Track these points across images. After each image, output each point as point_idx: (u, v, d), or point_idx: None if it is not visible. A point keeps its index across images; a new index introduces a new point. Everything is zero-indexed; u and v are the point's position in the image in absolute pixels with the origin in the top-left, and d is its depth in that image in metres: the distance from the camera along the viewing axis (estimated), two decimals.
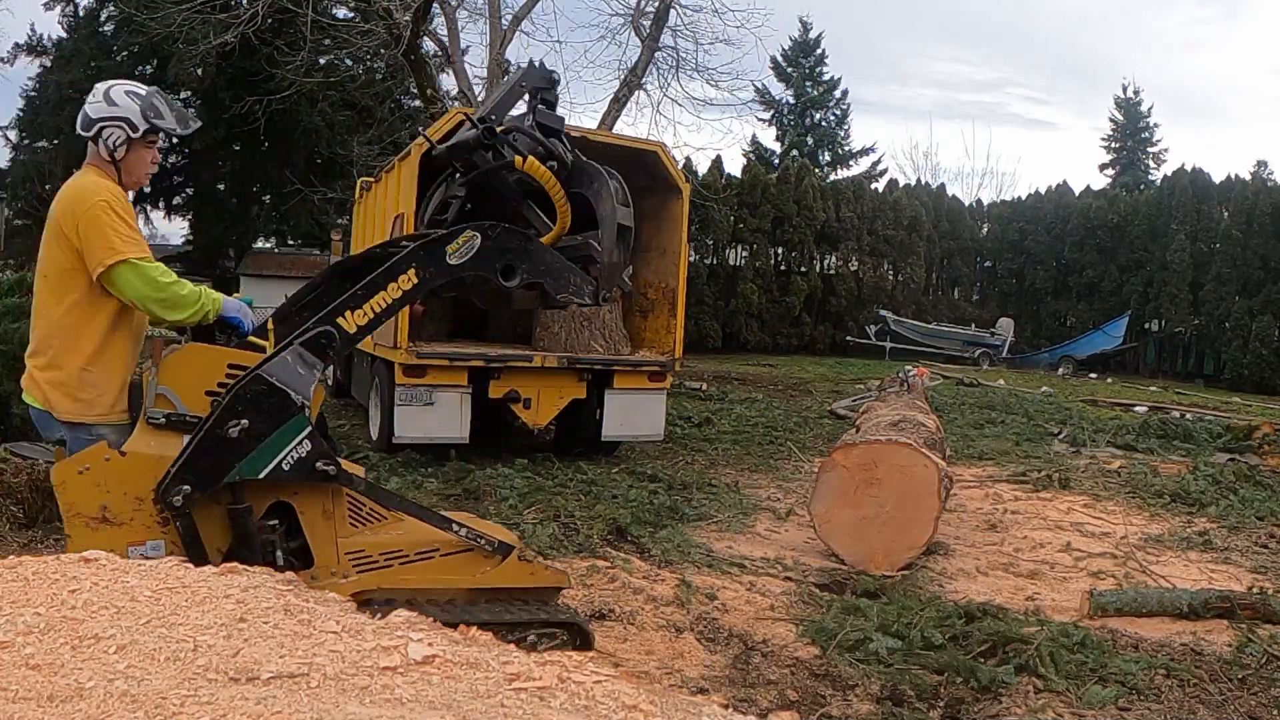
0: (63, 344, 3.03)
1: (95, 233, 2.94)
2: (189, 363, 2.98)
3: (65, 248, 2.99)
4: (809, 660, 3.98)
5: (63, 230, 2.99)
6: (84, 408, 3.01)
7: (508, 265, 3.19)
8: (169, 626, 2.19)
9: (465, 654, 2.33)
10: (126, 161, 3.17)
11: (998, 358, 24.62)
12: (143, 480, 2.81)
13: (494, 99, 3.72)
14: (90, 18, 26.68)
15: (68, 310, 3.03)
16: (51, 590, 2.44)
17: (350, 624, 2.48)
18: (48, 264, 3.06)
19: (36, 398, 3.04)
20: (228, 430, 2.77)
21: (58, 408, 3.00)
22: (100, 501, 2.79)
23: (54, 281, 3.05)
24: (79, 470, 2.79)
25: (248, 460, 2.80)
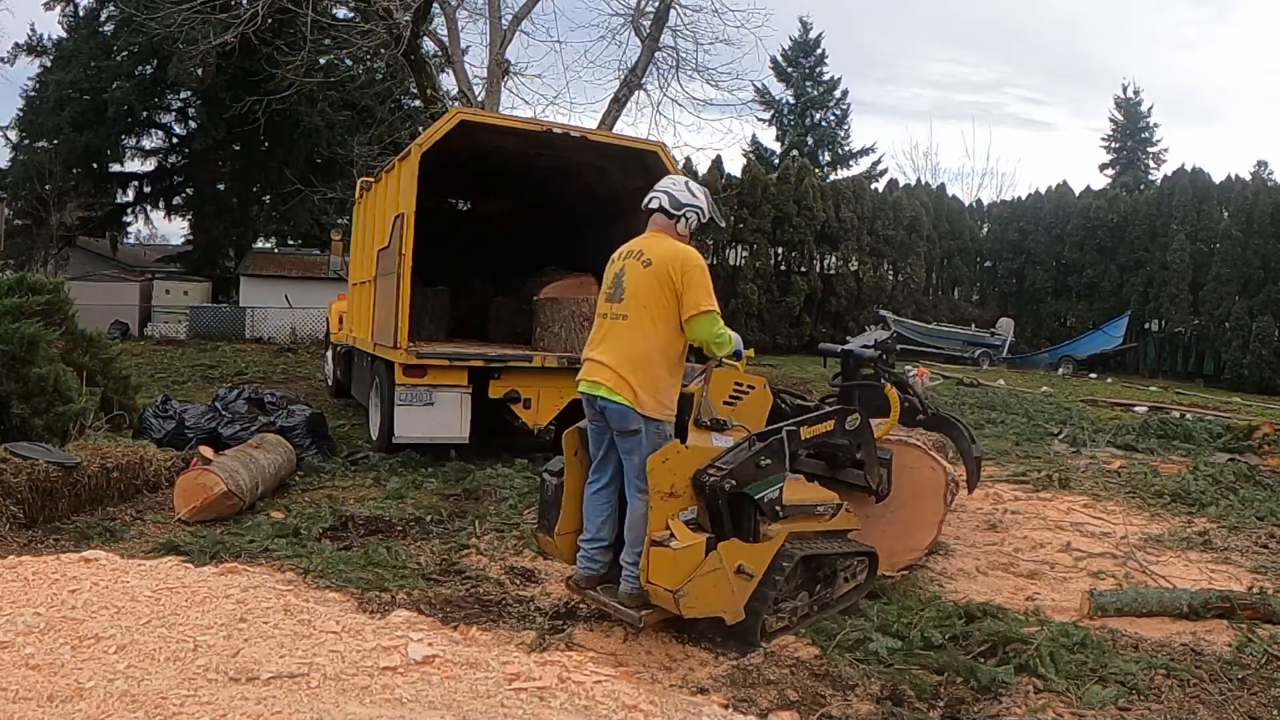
0: (655, 360, 3.99)
1: (696, 286, 4.00)
2: (719, 382, 4.28)
3: (668, 289, 4.00)
4: (809, 660, 3.98)
5: (669, 276, 4.00)
6: (662, 409, 3.99)
7: (859, 444, 4.77)
8: (169, 626, 2.19)
9: (465, 654, 2.33)
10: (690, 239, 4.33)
11: (998, 358, 24.61)
12: (695, 465, 3.96)
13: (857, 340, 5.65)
14: (90, 18, 26.65)
15: (662, 335, 4.01)
16: (51, 590, 2.45)
17: (350, 624, 2.48)
18: (650, 299, 4.02)
19: (626, 397, 3.93)
20: (760, 460, 4.02)
21: (644, 405, 3.93)
22: (670, 481, 3.88)
23: (654, 312, 4.01)
24: (663, 460, 3.86)
25: (757, 484, 4.01)
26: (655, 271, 4.03)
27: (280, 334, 23.77)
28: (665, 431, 3.99)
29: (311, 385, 14.20)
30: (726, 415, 4.20)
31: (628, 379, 3.94)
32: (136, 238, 38.39)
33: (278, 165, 25.59)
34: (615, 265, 4.25)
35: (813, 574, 4.37)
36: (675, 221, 4.25)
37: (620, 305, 4.10)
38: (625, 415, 3.94)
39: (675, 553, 3.75)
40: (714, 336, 4.07)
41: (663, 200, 4.27)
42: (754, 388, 4.41)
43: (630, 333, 4.03)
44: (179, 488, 5.94)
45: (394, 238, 8.00)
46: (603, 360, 4.04)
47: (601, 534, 4.21)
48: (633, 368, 3.96)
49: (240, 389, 8.56)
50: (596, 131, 11.31)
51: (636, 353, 3.98)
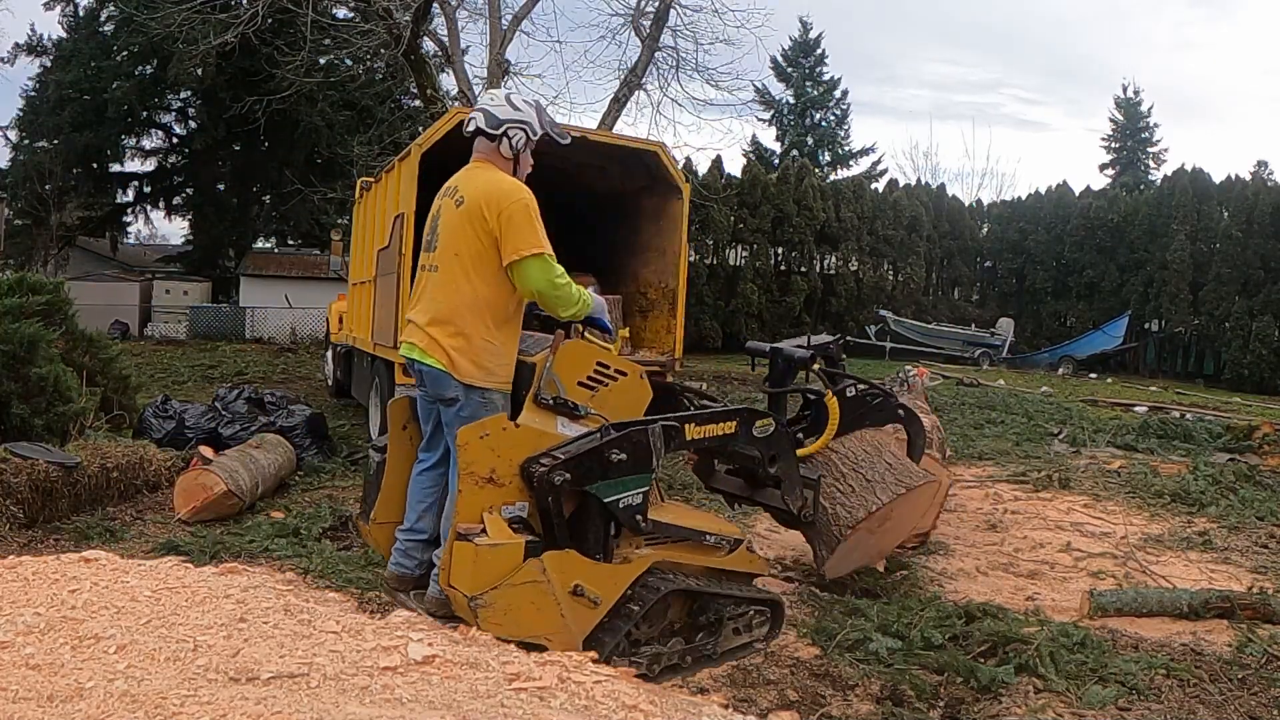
0: (472, 317, 3.40)
1: (516, 226, 3.34)
2: (572, 356, 3.44)
3: (482, 232, 3.37)
4: (809, 660, 3.98)
5: (483, 215, 3.36)
6: (485, 374, 3.40)
7: (774, 456, 3.99)
8: (169, 626, 2.19)
9: (465, 654, 2.33)
10: (520, 160, 3.62)
11: (998, 358, 24.60)
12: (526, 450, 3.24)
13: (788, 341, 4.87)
14: (90, 18, 26.66)
15: (479, 288, 3.40)
16: (51, 590, 2.45)
17: (350, 624, 2.48)
18: (461, 244, 3.40)
19: (439, 359, 3.39)
20: (611, 454, 3.26)
21: (461, 371, 3.37)
22: (491, 464, 3.18)
23: (466, 261, 3.40)
24: (480, 435, 3.18)
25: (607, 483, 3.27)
26: (468, 211, 3.40)
27: (280, 334, 23.77)
28: (493, 402, 3.39)
29: (311, 385, 14.20)
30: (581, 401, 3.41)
31: (440, 340, 3.40)
32: (136, 238, 38.42)
33: (278, 165, 25.60)
34: (433, 208, 3.64)
35: (693, 617, 3.64)
36: (497, 143, 3.53)
37: (433, 255, 3.53)
38: (440, 380, 3.41)
39: (478, 550, 3.03)
40: (550, 286, 3.38)
41: (479, 120, 3.55)
42: (625, 374, 3.56)
43: (442, 287, 3.46)
44: (179, 488, 5.94)
45: (394, 238, 8.00)
46: (415, 319, 3.52)
47: (421, 525, 3.59)
48: (444, 326, 3.41)
49: (240, 389, 8.56)
50: (596, 131, 11.31)
51: (448, 309, 3.42)
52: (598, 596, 3.24)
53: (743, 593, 3.83)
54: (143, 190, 29.87)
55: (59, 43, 27.07)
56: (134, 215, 31.13)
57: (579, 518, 3.30)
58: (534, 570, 3.11)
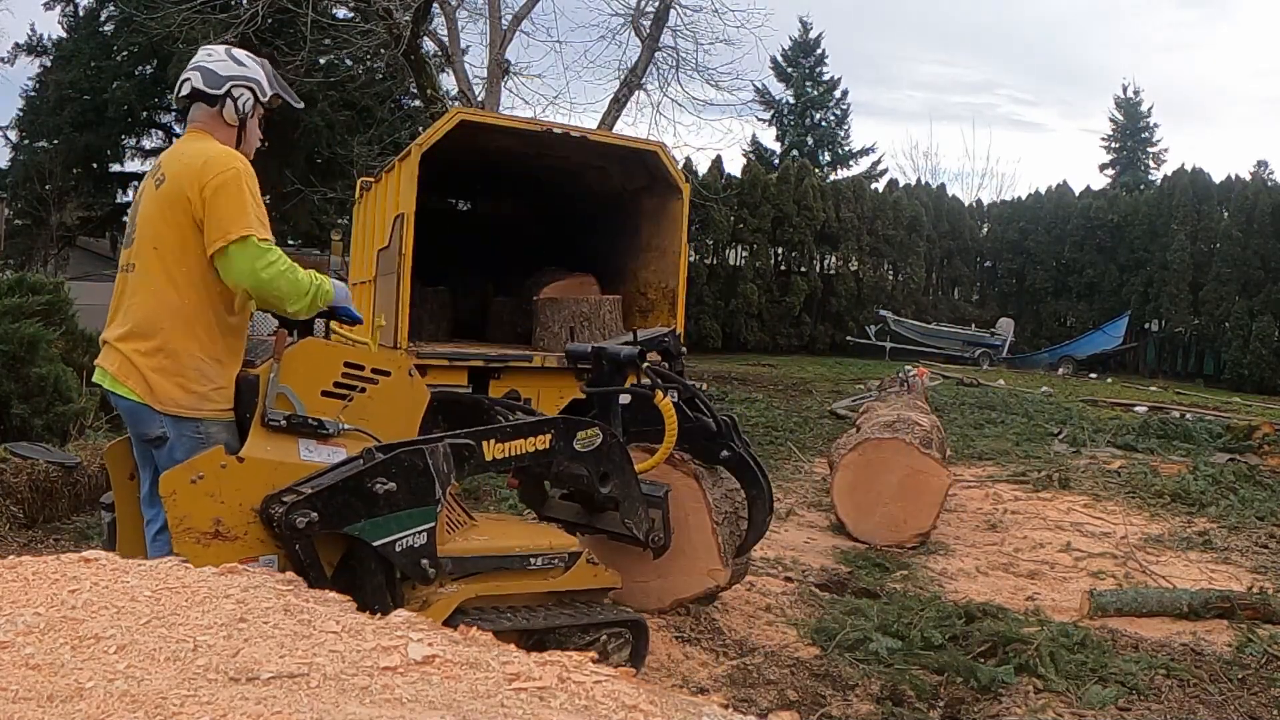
0: (178, 328, 2.70)
1: (221, 204, 2.66)
2: (307, 359, 2.79)
3: (185, 217, 2.69)
4: (809, 660, 3.98)
5: (185, 196, 2.68)
6: (197, 400, 2.70)
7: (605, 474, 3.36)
8: (169, 626, 2.19)
9: (465, 654, 2.33)
10: (248, 128, 2.96)
11: (998, 358, 24.60)
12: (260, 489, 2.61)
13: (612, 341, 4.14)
14: (90, 18, 26.65)
15: (185, 290, 2.71)
16: (51, 590, 2.45)
17: (350, 624, 2.48)
18: (160, 234, 2.72)
19: (134, 388, 2.68)
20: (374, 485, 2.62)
21: (164, 399, 2.68)
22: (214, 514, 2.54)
23: (167, 255, 2.70)
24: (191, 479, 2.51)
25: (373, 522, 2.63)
26: (168, 193, 2.72)
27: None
28: (213, 438, 2.69)
29: None
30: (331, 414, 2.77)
31: (134, 360, 2.70)
32: None
33: (278, 165, 25.58)
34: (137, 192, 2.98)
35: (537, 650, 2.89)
36: (219, 106, 2.86)
37: (129, 251, 2.82)
38: (138, 415, 2.71)
39: None
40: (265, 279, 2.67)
41: (194, 79, 2.85)
42: (387, 373, 2.90)
43: (138, 290, 2.76)
44: None
45: (394, 238, 8.00)
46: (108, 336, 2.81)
47: None
48: (141, 341, 2.71)
49: None
50: (596, 131, 11.31)
51: (143, 318, 2.72)
52: None
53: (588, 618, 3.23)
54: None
55: (59, 43, 27.07)
56: None
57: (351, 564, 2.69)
58: None
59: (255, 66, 2.93)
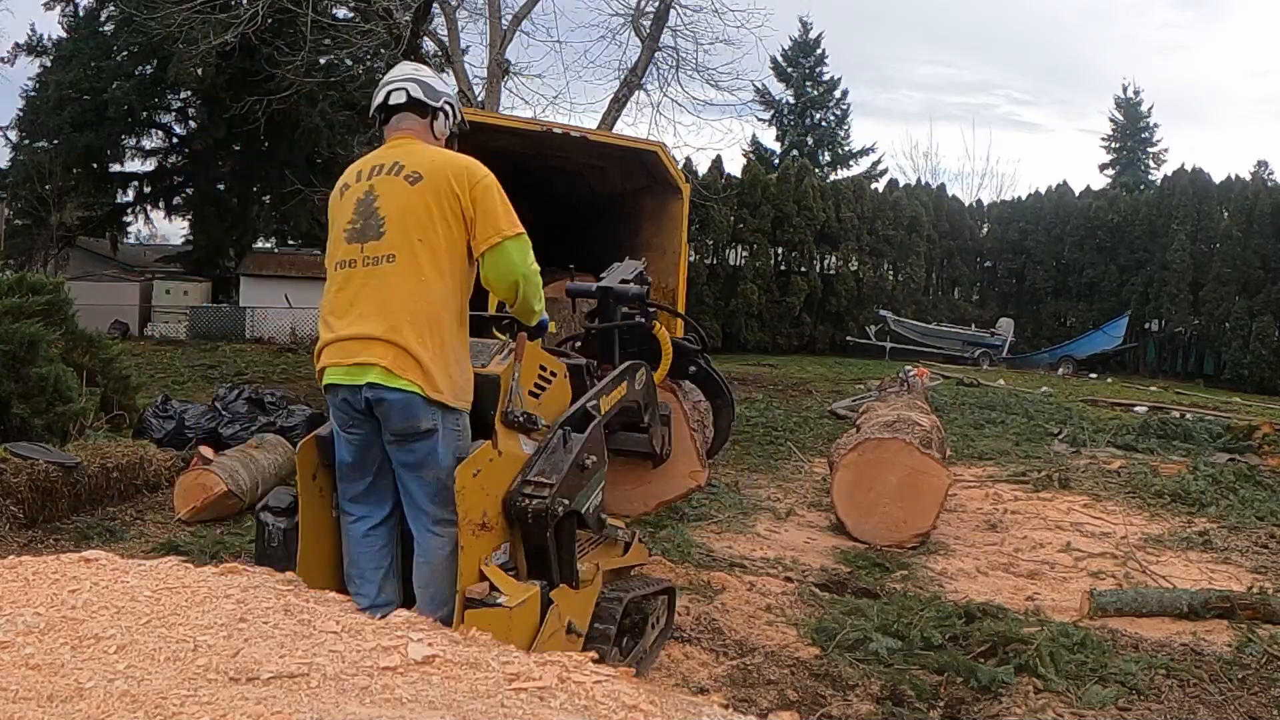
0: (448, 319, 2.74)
1: (493, 204, 2.79)
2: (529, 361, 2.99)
3: (454, 213, 2.74)
4: (809, 660, 3.98)
5: (454, 191, 2.74)
6: (459, 393, 2.75)
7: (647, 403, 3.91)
8: (169, 626, 2.19)
9: (465, 654, 2.33)
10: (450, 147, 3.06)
11: (998, 358, 24.59)
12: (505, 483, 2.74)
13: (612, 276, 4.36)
14: (90, 18, 26.64)
15: (449, 282, 2.74)
16: (51, 590, 2.45)
17: (350, 624, 2.48)
18: (426, 227, 2.71)
19: (414, 379, 2.63)
20: (586, 459, 2.86)
21: (442, 389, 2.67)
22: (483, 506, 2.66)
23: (435, 248, 2.72)
24: (473, 473, 2.61)
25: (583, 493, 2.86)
26: (431, 187, 2.76)
27: (280, 334, 23.77)
28: (465, 430, 2.78)
29: (311, 385, 14.19)
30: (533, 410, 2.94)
31: (413, 350, 2.65)
32: (136, 238, 38.35)
33: (278, 165, 25.57)
34: (354, 189, 2.87)
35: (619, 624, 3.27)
36: (431, 119, 2.96)
37: (378, 245, 2.74)
38: (413, 408, 2.67)
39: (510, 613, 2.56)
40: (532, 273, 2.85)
41: (411, 89, 2.91)
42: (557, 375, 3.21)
43: (404, 280, 2.70)
44: (179, 488, 5.94)
45: None
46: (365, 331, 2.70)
47: (383, 597, 2.84)
48: (418, 332, 2.67)
49: (240, 389, 8.56)
50: (596, 131, 11.32)
51: (418, 309, 2.69)
52: (580, 628, 2.90)
53: (653, 587, 3.66)
54: (143, 190, 29.83)
55: (59, 43, 27.06)
56: (134, 215, 31.11)
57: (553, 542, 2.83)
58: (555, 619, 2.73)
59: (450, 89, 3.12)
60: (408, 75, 3.00)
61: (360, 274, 2.77)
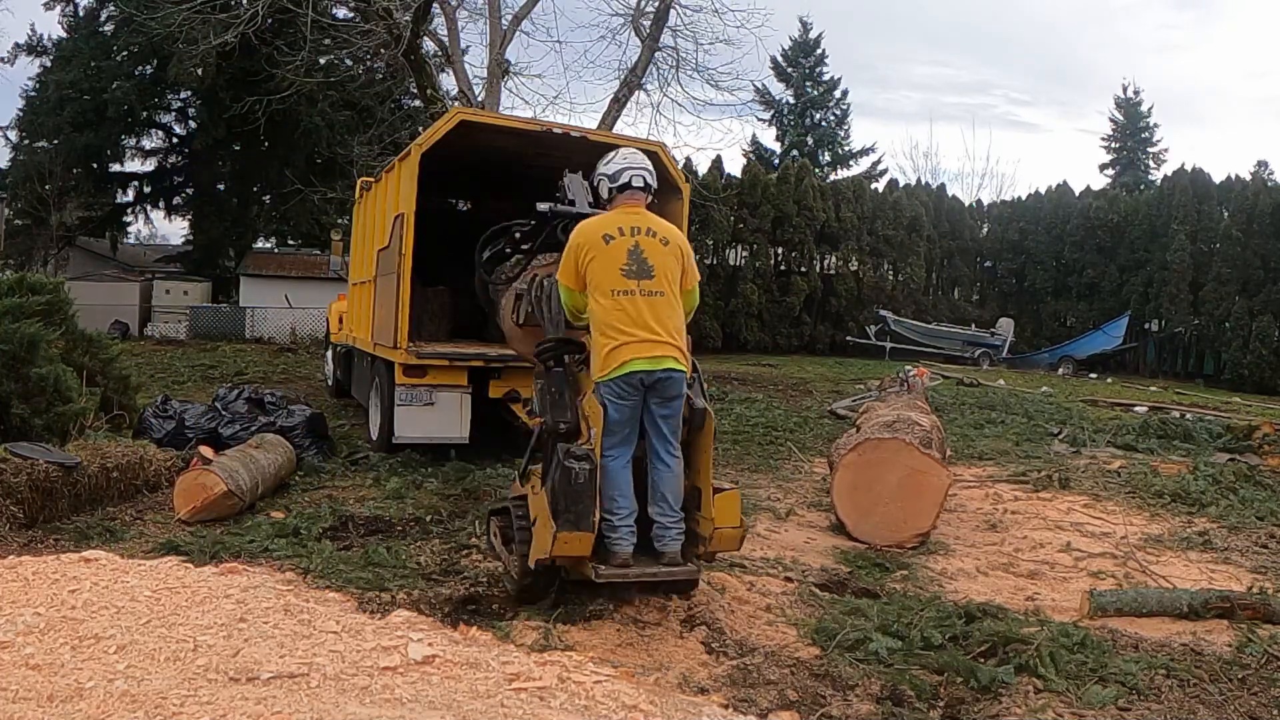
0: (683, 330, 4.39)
1: (692, 260, 4.53)
2: None
3: (679, 265, 4.40)
4: (809, 660, 3.98)
5: (683, 251, 4.45)
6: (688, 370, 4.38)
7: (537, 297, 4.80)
8: (169, 626, 2.19)
9: (465, 654, 2.33)
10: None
11: (998, 358, 24.60)
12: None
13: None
14: (90, 18, 26.65)
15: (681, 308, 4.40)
16: (51, 590, 2.45)
17: (350, 624, 2.48)
18: (673, 275, 4.37)
19: (684, 364, 4.28)
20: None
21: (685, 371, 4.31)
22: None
23: (675, 288, 4.37)
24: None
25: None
26: (673, 250, 4.39)
27: (280, 334, 23.78)
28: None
29: (311, 385, 14.20)
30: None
31: (683, 349, 4.35)
32: (136, 238, 38.39)
33: (278, 165, 25.59)
34: (621, 241, 4.34)
35: None
36: (649, 194, 4.55)
37: (651, 283, 4.31)
38: (682, 382, 4.30)
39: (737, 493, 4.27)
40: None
41: (648, 178, 4.55)
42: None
43: (669, 307, 4.34)
44: (179, 488, 5.94)
45: (394, 238, 8.00)
46: (661, 336, 4.26)
47: (632, 504, 4.24)
48: (680, 338, 4.34)
49: (240, 389, 8.56)
50: (596, 131, 11.31)
51: (677, 325, 4.36)
52: None
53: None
54: (143, 190, 29.84)
55: (59, 43, 27.05)
56: (134, 215, 31.13)
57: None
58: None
59: None
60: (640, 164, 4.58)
61: (641, 300, 4.27)
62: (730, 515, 4.16)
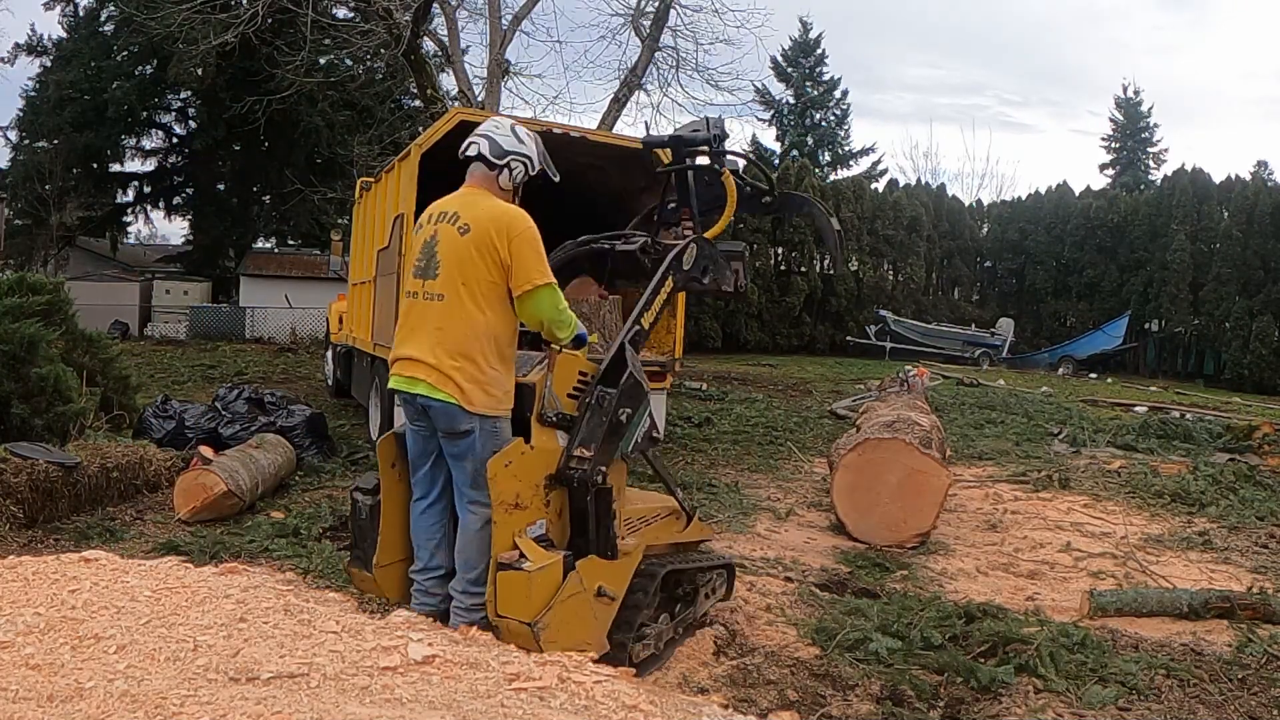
0: (484, 346, 3.40)
1: (527, 255, 3.39)
2: (564, 370, 3.52)
3: (493, 261, 3.39)
4: (809, 660, 3.97)
5: (494, 244, 3.37)
6: (494, 403, 3.40)
7: (705, 268, 4.05)
8: (169, 626, 2.19)
9: (465, 654, 2.33)
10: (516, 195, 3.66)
11: (998, 358, 24.60)
12: (542, 470, 3.35)
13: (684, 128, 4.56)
14: (90, 18, 26.66)
15: (489, 315, 3.41)
16: (51, 590, 2.45)
17: (350, 624, 2.48)
18: (469, 273, 3.39)
19: (450, 393, 3.35)
20: (618, 417, 3.39)
21: (474, 402, 3.35)
22: (515, 490, 3.27)
23: (476, 291, 3.40)
24: (505, 464, 3.25)
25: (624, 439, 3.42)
26: (475, 239, 3.39)
27: (280, 334, 23.78)
28: (502, 430, 3.41)
29: (311, 385, 14.20)
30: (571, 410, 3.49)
31: (450, 373, 3.34)
32: (136, 238, 38.41)
33: (278, 165, 25.59)
34: (425, 230, 3.55)
35: (671, 593, 3.85)
36: (498, 173, 3.57)
37: (434, 283, 3.45)
38: (452, 415, 3.35)
39: (530, 576, 3.12)
40: (556, 315, 3.45)
41: (481, 145, 3.57)
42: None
43: (448, 316, 3.40)
44: (179, 488, 5.94)
45: (394, 238, 8.00)
46: (414, 354, 3.45)
47: (435, 562, 3.54)
48: (454, 358, 3.36)
49: (240, 389, 8.56)
50: (596, 132, 11.31)
51: (457, 340, 3.37)
52: (615, 593, 3.39)
53: (708, 561, 4.16)
54: (143, 190, 29.85)
55: (59, 43, 27.07)
56: (134, 215, 31.15)
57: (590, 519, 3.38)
58: (575, 583, 3.24)
59: (530, 144, 3.63)
60: (485, 131, 3.62)
61: (419, 305, 3.50)
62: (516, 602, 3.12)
